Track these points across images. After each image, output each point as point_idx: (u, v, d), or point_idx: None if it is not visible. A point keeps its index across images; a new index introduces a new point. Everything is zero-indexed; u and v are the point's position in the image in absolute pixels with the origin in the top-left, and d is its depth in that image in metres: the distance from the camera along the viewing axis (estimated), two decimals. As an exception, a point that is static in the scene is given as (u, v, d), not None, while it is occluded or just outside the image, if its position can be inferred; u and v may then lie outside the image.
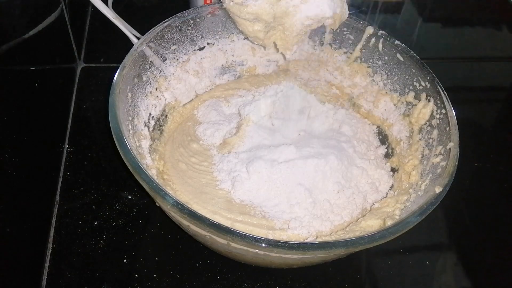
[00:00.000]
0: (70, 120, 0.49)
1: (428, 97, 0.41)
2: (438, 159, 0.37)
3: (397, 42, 0.44)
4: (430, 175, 0.37)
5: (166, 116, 0.44)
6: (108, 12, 0.47)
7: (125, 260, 0.39)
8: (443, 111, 0.39)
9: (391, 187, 0.41)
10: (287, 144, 0.40)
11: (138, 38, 0.47)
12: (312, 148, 0.40)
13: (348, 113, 0.46)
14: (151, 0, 0.65)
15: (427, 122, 0.41)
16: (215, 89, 0.48)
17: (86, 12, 0.62)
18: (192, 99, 0.47)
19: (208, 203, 0.38)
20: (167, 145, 0.43)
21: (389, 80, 0.45)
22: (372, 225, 0.36)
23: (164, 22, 0.43)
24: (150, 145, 0.41)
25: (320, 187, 0.39)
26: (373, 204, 0.39)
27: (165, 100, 0.44)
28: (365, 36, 0.45)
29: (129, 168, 0.32)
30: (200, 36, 0.46)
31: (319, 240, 0.36)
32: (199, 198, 0.38)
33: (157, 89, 0.43)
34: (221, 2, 0.41)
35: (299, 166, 0.38)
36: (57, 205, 0.43)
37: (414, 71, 0.42)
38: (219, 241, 0.31)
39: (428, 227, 0.44)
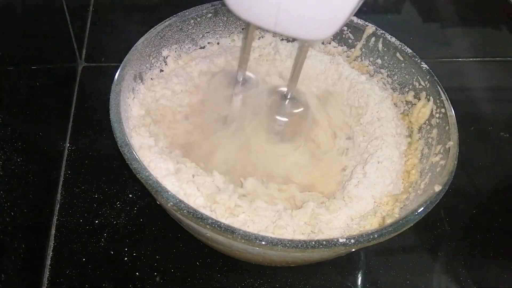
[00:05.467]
0: (71, 119, 0.49)
1: (428, 97, 0.41)
2: (437, 158, 0.37)
3: (397, 41, 0.44)
4: (430, 174, 0.37)
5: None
6: None
7: (126, 259, 0.40)
8: (443, 110, 0.39)
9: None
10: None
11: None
12: None
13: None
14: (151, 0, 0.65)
15: (427, 121, 0.41)
16: None
17: (87, 12, 0.62)
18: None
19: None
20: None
21: (389, 79, 0.45)
22: (371, 223, 0.36)
23: (165, 22, 0.43)
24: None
25: None
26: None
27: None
28: (365, 36, 0.46)
29: (130, 167, 0.32)
30: (201, 36, 0.46)
31: (318, 238, 0.36)
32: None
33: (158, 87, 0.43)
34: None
35: None
36: (58, 204, 0.43)
37: (413, 70, 0.43)
38: (220, 239, 0.32)
39: (428, 226, 0.44)
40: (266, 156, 0.40)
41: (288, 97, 0.41)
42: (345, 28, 0.46)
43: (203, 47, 0.47)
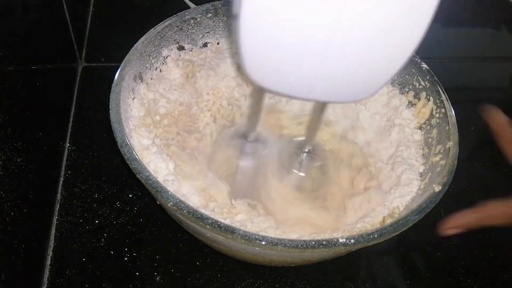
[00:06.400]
0: (71, 119, 0.50)
1: (428, 97, 0.41)
2: (437, 158, 0.37)
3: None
4: (430, 174, 0.37)
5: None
6: None
7: (126, 259, 0.40)
8: (443, 110, 0.39)
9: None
10: None
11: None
12: None
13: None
14: (152, -1, 0.65)
15: (427, 121, 0.41)
16: None
17: (87, 12, 0.62)
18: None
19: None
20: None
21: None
22: (371, 223, 0.36)
23: (165, 22, 0.43)
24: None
25: None
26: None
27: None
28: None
29: (130, 167, 0.32)
30: (201, 36, 0.46)
31: (318, 238, 0.36)
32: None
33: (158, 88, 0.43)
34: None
35: None
36: (58, 204, 0.43)
37: (413, 70, 0.43)
38: (220, 239, 0.32)
39: (428, 226, 0.44)
40: (279, 202, 0.39)
41: (306, 150, 0.40)
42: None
43: (202, 47, 0.47)
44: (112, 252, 0.40)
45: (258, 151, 0.40)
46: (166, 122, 0.41)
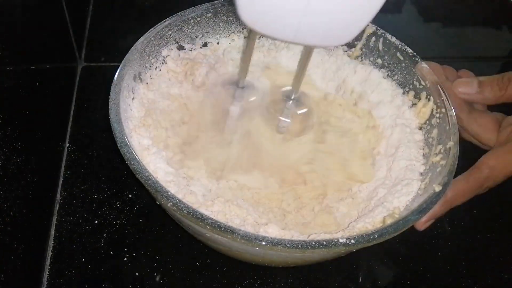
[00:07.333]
0: (70, 119, 0.49)
1: (428, 96, 0.41)
2: (438, 158, 0.37)
3: (397, 41, 0.44)
4: (430, 174, 0.37)
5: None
6: None
7: (125, 259, 0.40)
8: (443, 110, 0.39)
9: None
10: None
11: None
12: None
13: None
14: (151, -1, 0.65)
15: (427, 121, 0.41)
16: None
17: (87, 11, 0.62)
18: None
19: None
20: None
21: (389, 79, 0.45)
22: (371, 223, 0.36)
23: (165, 21, 0.43)
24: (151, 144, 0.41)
25: None
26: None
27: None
28: (365, 35, 0.45)
29: (130, 167, 0.32)
30: (201, 35, 0.46)
31: (319, 238, 0.36)
32: None
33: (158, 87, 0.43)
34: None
35: None
36: (57, 204, 0.43)
37: (414, 70, 0.42)
38: (220, 240, 0.32)
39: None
40: (272, 153, 0.41)
41: (292, 97, 0.41)
42: (345, 27, 0.46)
43: (202, 47, 0.47)
44: (111, 253, 0.40)
45: (246, 97, 0.42)
46: (166, 123, 0.41)
